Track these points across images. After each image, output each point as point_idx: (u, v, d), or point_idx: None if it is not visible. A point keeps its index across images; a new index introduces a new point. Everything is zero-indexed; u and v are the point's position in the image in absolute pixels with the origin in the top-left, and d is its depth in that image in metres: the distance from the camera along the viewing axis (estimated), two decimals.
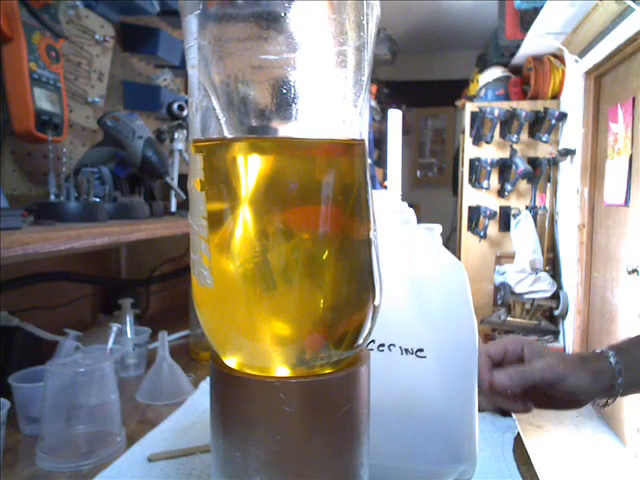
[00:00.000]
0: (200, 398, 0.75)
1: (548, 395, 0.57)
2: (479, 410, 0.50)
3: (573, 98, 2.97)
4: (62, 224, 0.78)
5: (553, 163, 3.18)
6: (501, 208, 3.41)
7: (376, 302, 0.34)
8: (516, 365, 0.58)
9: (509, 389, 0.56)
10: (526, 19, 2.97)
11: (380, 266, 0.34)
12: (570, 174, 3.01)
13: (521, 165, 3.16)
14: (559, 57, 3.14)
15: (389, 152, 0.53)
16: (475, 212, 3.45)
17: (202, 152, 0.31)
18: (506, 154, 3.32)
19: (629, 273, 2.21)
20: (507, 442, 0.59)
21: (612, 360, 0.58)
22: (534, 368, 0.56)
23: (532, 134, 3.28)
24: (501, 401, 0.59)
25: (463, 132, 3.56)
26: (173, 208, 1.20)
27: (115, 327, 0.78)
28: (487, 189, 3.40)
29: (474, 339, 0.48)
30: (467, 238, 3.53)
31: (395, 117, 0.52)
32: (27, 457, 0.59)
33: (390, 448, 0.46)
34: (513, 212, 3.35)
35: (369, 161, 0.35)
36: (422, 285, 0.47)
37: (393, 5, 3.51)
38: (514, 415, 0.66)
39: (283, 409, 0.31)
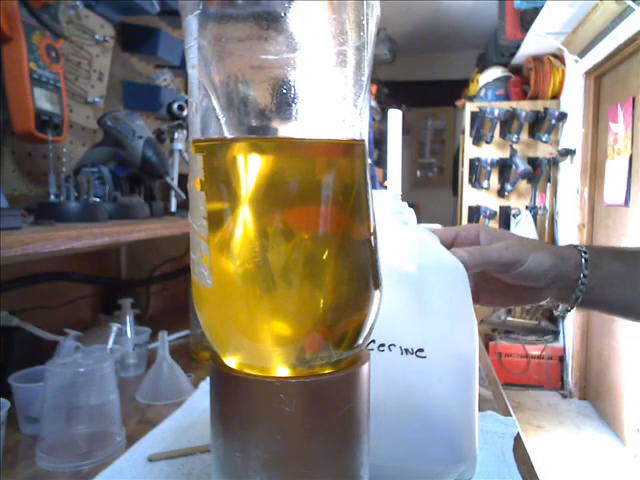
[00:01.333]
0: (200, 398, 0.75)
1: (502, 283, 0.54)
2: None
3: (573, 98, 2.97)
4: (62, 224, 0.78)
5: (553, 163, 3.18)
6: (501, 208, 3.41)
7: (376, 302, 0.34)
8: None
9: (465, 265, 0.50)
10: (526, 19, 2.97)
11: (380, 266, 0.34)
12: (570, 174, 3.01)
13: (521, 165, 3.16)
14: (559, 57, 3.14)
15: (389, 152, 0.53)
16: (475, 212, 3.45)
17: (202, 152, 0.31)
18: (506, 154, 3.32)
19: None
20: (507, 442, 0.59)
21: (582, 250, 0.53)
22: (492, 247, 0.52)
23: (532, 134, 3.28)
24: None
25: (463, 132, 3.56)
26: (173, 208, 1.20)
27: (115, 327, 0.78)
28: (487, 189, 3.40)
29: (474, 339, 0.48)
30: None
31: (395, 117, 0.52)
32: (27, 457, 0.59)
33: (390, 448, 0.46)
34: (513, 212, 3.35)
35: (369, 161, 0.35)
36: (422, 285, 0.47)
37: (393, 5, 3.51)
38: (514, 415, 0.66)
39: (283, 409, 0.31)
